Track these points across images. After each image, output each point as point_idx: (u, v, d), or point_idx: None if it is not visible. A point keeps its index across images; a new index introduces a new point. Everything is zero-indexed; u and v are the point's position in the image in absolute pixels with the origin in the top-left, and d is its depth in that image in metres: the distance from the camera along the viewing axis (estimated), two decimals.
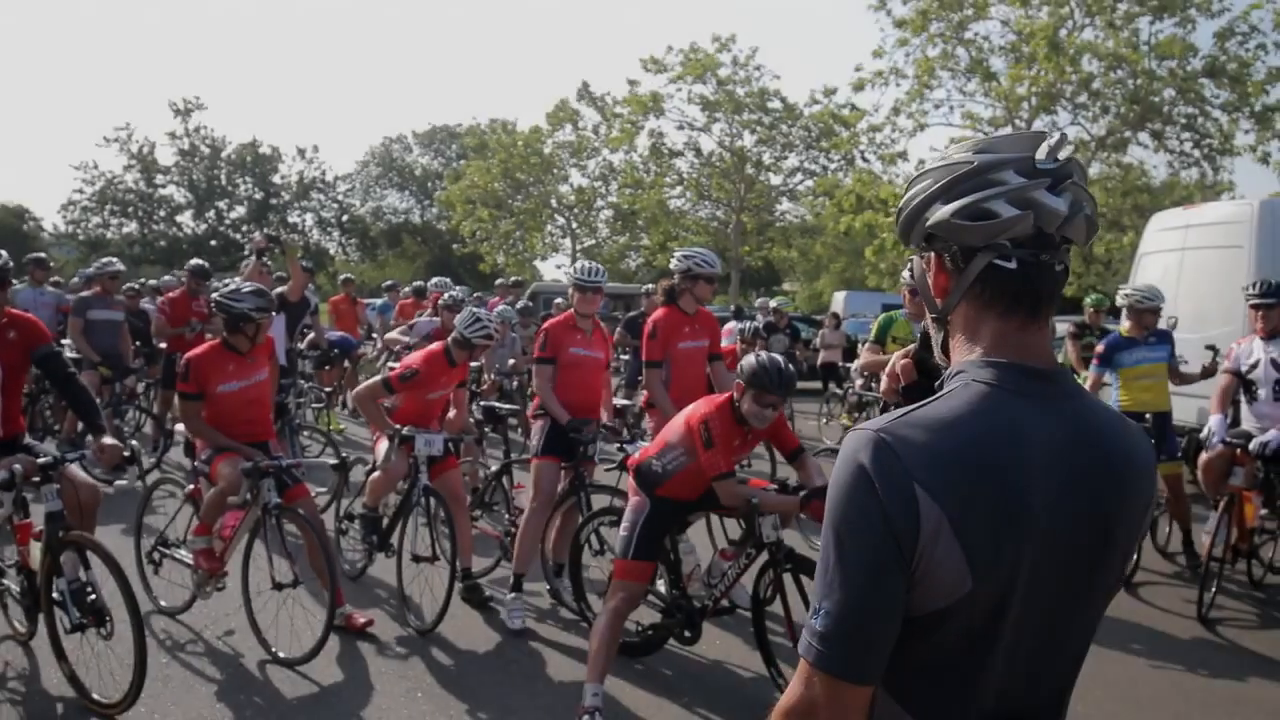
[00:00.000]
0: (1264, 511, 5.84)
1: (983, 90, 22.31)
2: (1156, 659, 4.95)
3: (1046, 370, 1.28)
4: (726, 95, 31.17)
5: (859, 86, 23.67)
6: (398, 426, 5.39)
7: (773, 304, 14.86)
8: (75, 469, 4.37)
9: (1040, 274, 1.26)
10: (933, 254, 1.33)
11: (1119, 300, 6.84)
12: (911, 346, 1.74)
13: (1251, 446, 5.58)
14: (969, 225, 1.24)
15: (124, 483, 8.04)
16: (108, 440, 4.31)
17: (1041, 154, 1.25)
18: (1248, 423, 6.03)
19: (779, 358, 4.05)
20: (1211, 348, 6.75)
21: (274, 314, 5.62)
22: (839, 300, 28.11)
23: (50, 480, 4.07)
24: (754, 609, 4.35)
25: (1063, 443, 1.24)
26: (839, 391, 14.00)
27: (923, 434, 1.19)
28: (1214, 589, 5.56)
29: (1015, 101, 21.37)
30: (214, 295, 5.57)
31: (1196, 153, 21.33)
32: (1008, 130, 9.76)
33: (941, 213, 1.27)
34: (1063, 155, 1.25)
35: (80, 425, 6.26)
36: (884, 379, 1.72)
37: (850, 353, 16.97)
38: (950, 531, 1.16)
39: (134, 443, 5.20)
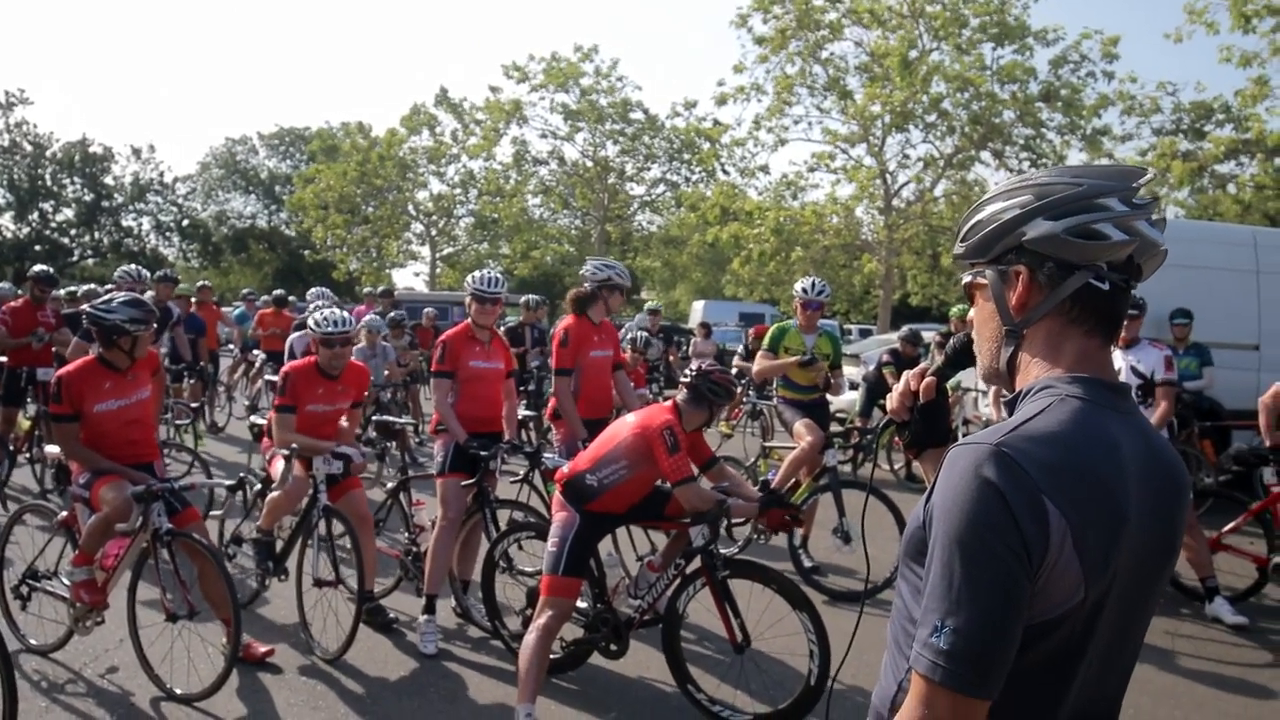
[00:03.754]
0: None
1: (839, 108, 23.23)
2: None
3: (1123, 386, 1.35)
4: (589, 105, 31.32)
5: (721, 101, 24.30)
6: (293, 445, 5.13)
7: (649, 307, 15.04)
8: None
9: (1124, 298, 1.33)
10: (1023, 268, 1.35)
11: None
12: (926, 364, 1.75)
13: None
14: (1077, 243, 1.29)
15: None
16: None
17: (1138, 188, 1.32)
18: None
19: (729, 372, 4.16)
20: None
21: (153, 326, 5.25)
22: (698, 309, 28.69)
23: None
24: (667, 622, 4.32)
25: (1144, 456, 1.30)
26: None
27: (1039, 447, 1.21)
28: None
29: (870, 119, 22.33)
30: (85, 307, 5.15)
31: (1033, 171, 22.85)
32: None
33: (1048, 228, 1.30)
34: (1146, 193, 1.32)
35: None
36: (894, 397, 1.72)
37: (720, 360, 17.29)
38: (1071, 543, 1.18)
39: None
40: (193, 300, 12.06)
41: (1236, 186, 19.28)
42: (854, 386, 11.64)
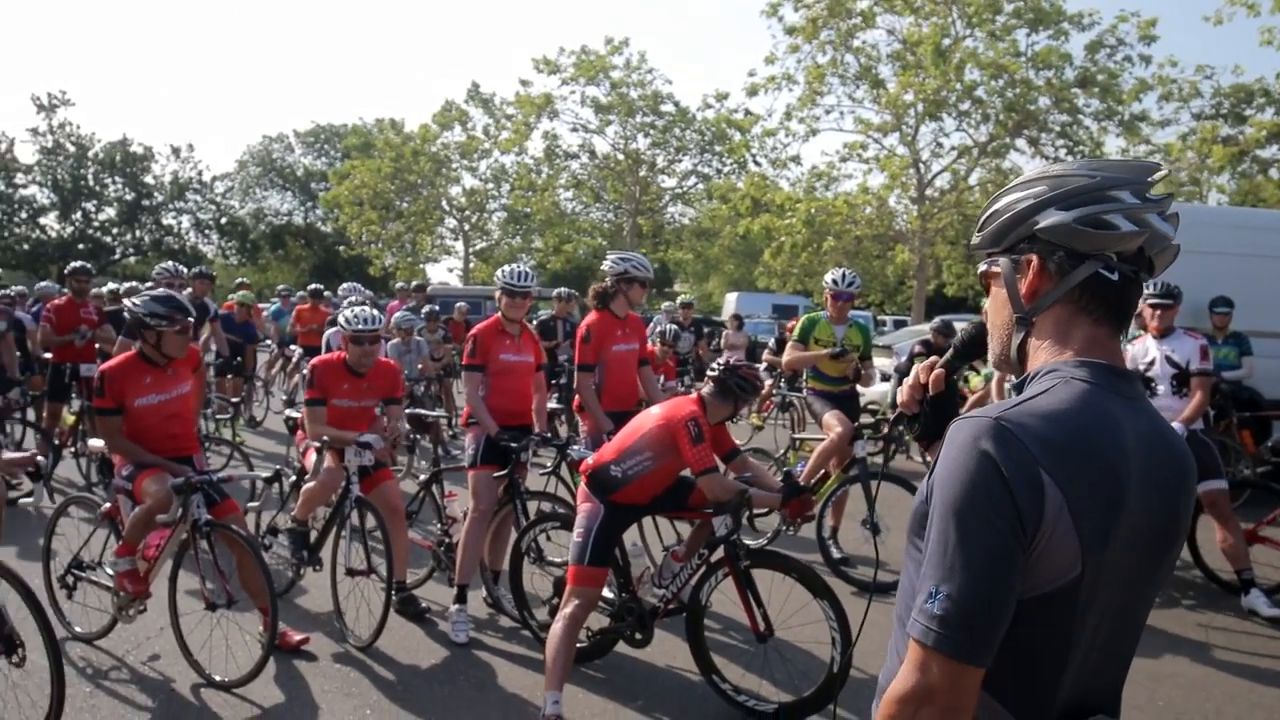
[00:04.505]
0: None
1: (871, 97, 23.06)
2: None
3: (1130, 373, 1.38)
4: (619, 98, 31.30)
5: (752, 92, 24.18)
6: (324, 437, 5.24)
7: (681, 300, 15.08)
8: None
9: (1134, 289, 1.36)
10: (1034, 256, 1.38)
11: None
12: (935, 358, 1.78)
13: None
14: (1087, 232, 1.32)
15: (29, 500, 7.57)
16: (8, 454, 4.07)
17: (1152, 182, 1.35)
18: None
19: (756, 368, 4.19)
20: None
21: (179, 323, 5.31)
22: (730, 301, 28.61)
23: None
24: (690, 612, 4.37)
25: (1148, 440, 1.32)
26: None
27: (1040, 423, 1.24)
28: None
29: (903, 108, 22.13)
30: (125, 301, 5.30)
31: (1070, 159, 22.53)
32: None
33: (1060, 217, 1.34)
34: (1160, 188, 1.35)
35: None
36: (905, 390, 1.75)
37: (751, 353, 17.29)
38: (1068, 516, 1.21)
39: (40, 458, 4.88)
40: (250, 309, 12.32)
41: (1278, 171, 18.88)
42: (885, 378, 11.60)
